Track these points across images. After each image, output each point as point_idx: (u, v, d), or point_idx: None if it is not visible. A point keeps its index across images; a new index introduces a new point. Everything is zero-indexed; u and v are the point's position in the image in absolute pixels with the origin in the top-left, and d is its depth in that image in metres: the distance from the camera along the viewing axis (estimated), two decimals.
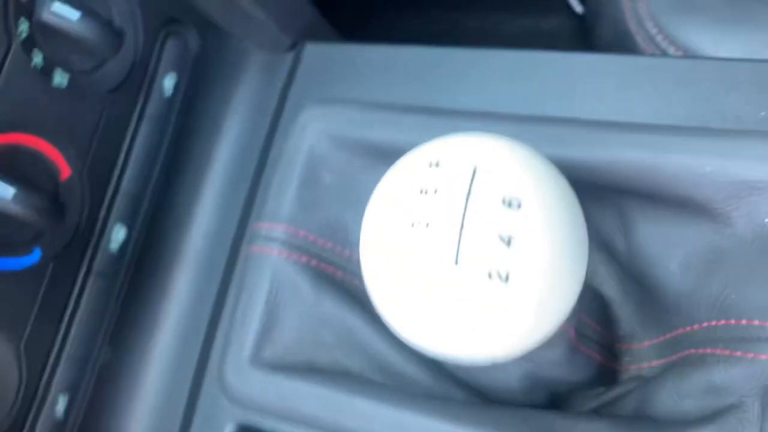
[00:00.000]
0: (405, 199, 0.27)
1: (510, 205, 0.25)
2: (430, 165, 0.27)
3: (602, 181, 0.33)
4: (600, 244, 0.36)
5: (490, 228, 0.25)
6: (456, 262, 0.25)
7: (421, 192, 0.26)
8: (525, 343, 0.27)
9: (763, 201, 0.30)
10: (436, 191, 0.26)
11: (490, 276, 0.25)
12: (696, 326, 0.32)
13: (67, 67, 0.37)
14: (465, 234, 0.25)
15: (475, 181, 0.26)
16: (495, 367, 0.33)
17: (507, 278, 0.25)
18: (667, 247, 0.34)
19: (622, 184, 0.33)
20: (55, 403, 0.38)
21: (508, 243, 0.25)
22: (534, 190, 0.26)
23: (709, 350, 0.31)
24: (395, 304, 0.27)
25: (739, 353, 0.29)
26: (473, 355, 0.27)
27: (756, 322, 0.29)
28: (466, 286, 0.25)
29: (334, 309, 0.38)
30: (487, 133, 0.29)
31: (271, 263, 0.38)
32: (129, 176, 0.40)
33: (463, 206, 0.25)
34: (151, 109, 0.41)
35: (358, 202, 0.30)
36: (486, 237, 0.25)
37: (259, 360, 0.37)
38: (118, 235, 0.40)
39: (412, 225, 0.26)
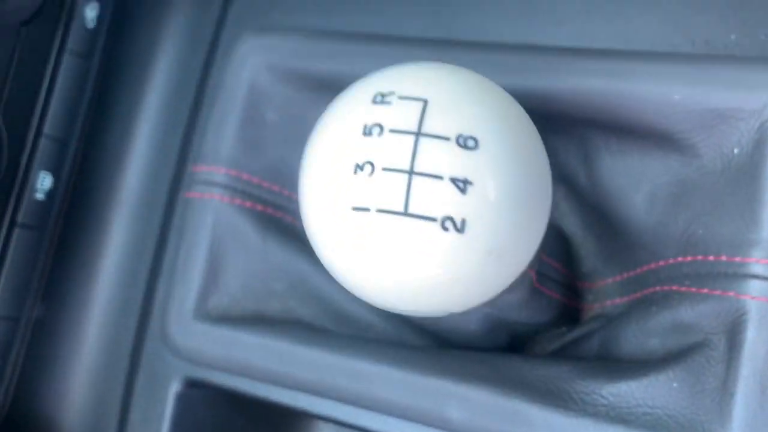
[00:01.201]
0: (346, 140, 0.24)
1: (465, 145, 0.23)
2: (374, 100, 0.24)
3: (564, 111, 0.31)
4: (561, 178, 0.35)
5: (444, 172, 0.23)
6: (405, 212, 0.23)
7: (365, 132, 0.24)
8: (482, 296, 0.25)
9: (732, 130, 0.28)
10: (381, 131, 0.23)
11: (443, 226, 0.23)
12: (662, 262, 0.31)
13: None
14: (415, 179, 0.23)
15: (425, 118, 0.23)
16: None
17: (463, 228, 0.23)
18: (632, 181, 0.32)
19: (584, 114, 0.31)
20: None
21: (464, 188, 0.23)
22: (492, 128, 0.24)
23: (675, 287, 0.29)
24: (340, 259, 0.25)
25: (705, 290, 0.28)
26: (426, 310, 0.25)
27: (723, 258, 0.28)
28: (417, 238, 0.23)
29: (283, 255, 0.36)
30: (439, 62, 0.26)
31: (212, 209, 0.35)
32: (51, 118, 0.37)
33: (412, 148, 0.23)
34: (73, 42, 0.38)
35: (305, 140, 0.27)
36: (439, 182, 0.23)
37: (203, 312, 0.35)
38: (43, 183, 0.37)
39: (355, 171, 0.23)
